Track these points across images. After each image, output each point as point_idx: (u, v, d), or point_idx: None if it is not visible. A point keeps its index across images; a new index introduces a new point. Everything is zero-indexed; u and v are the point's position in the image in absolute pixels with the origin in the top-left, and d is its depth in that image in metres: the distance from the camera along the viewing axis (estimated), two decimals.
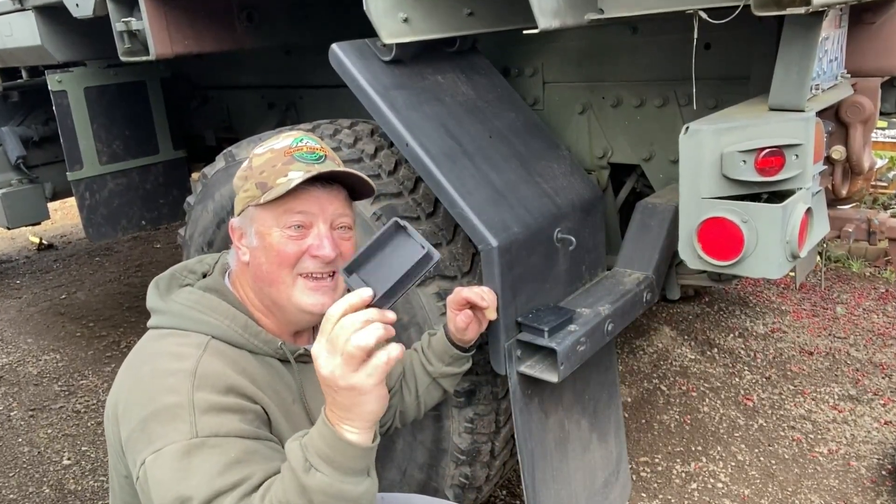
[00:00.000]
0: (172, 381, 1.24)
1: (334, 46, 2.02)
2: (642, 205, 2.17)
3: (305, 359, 1.45)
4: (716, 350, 3.79)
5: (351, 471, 1.11)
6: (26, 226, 4.60)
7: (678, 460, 2.95)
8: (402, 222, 1.17)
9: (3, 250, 6.52)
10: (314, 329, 1.53)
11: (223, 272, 1.49)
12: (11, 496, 3.01)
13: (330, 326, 1.09)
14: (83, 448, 3.30)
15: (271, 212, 1.37)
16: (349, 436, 1.10)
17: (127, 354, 1.38)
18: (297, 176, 1.34)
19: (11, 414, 3.64)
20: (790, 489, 2.75)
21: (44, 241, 6.52)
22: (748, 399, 3.33)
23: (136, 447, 1.23)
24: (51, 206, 4.52)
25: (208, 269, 1.50)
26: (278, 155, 1.38)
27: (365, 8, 1.86)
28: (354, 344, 1.06)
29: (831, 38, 1.73)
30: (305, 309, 1.39)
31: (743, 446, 3.01)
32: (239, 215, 1.43)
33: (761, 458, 2.93)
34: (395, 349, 1.10)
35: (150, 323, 1.42)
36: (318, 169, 1.36)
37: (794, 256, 1.63)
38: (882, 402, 3.26)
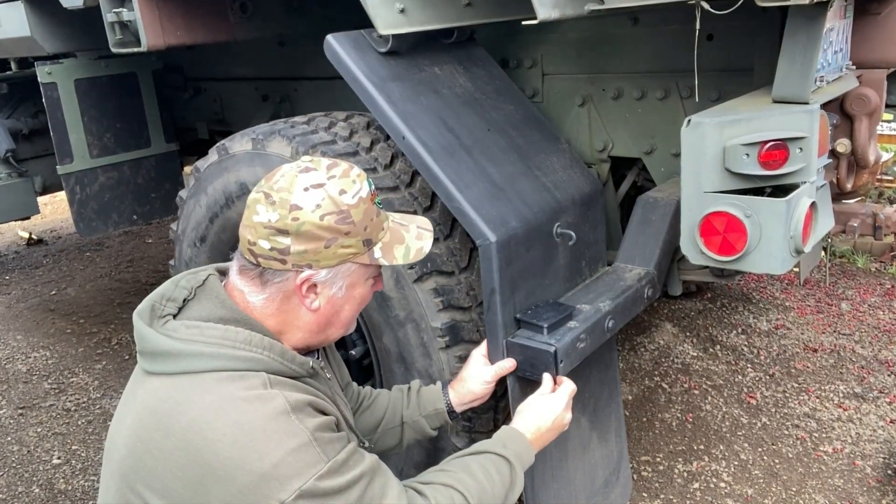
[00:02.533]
0: (276, 426, 1.19)
1: (329, 37, 1.99)
2: (643, 199, 2.15)
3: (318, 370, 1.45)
4: (718, 347, 3.76)
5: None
6: (15, 220, 4.57)
7: (680, 459, 2.91)
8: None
9: None
10: None
11: (223, 295, 1.35)
12: (0, 496, 2.97)
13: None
14: (73, 447, 3.26)
15: (370, 268, 1.40)
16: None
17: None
18: (410, 236, 1.44)
19: (0, 412, 3.59)
20: (794, 489, 2.71)
21: (33, 236, 6.47)
22: (751, 397, 3.30)
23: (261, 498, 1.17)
24: (40, 200, 4.47)
25: (188, 294, 1.35)
26: (369, 205, 1.36)
27: None
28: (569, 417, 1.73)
29: (836, 28, 1.71)
30: (351, 330, 1.49)
31: (746, 445, 2.97)
32: (326, 268, 1.32)
33: (765, 458, 2.89)
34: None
35: (158, 368, 1.27)
36: (413, 231, 1.46)
37: (799, 251, 1.62)
38: (888, 400, 3.22)
